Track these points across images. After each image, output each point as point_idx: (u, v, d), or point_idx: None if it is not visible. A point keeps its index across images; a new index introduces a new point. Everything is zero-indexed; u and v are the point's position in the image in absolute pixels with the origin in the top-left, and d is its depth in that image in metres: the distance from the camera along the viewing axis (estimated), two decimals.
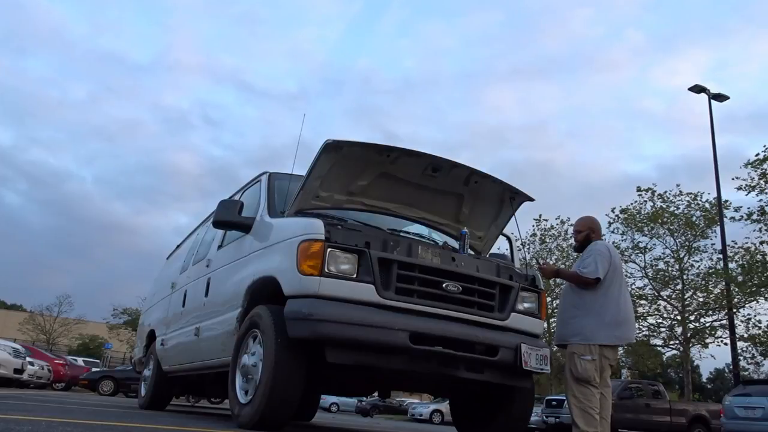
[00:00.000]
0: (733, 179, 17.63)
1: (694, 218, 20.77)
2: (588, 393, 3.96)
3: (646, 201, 21.43)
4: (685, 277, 20.88)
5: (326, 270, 3.50)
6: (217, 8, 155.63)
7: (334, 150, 3.97)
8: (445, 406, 24.29)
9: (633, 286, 21.84)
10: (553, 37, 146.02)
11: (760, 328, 18.46)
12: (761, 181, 16.96)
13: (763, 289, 17.64)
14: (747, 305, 18.78)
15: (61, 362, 19.50)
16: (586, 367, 3.98)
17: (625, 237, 22.03)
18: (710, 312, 20.49)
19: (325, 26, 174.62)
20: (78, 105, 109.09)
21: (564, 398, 16.46)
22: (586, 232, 4.46)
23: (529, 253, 24.20)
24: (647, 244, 21.75)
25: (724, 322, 19.15)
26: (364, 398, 30.47)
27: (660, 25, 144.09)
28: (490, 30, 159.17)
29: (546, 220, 25.20)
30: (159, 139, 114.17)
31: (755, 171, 17.04)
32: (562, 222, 24.80)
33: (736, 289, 17.90)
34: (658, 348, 23.69)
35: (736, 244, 18.59)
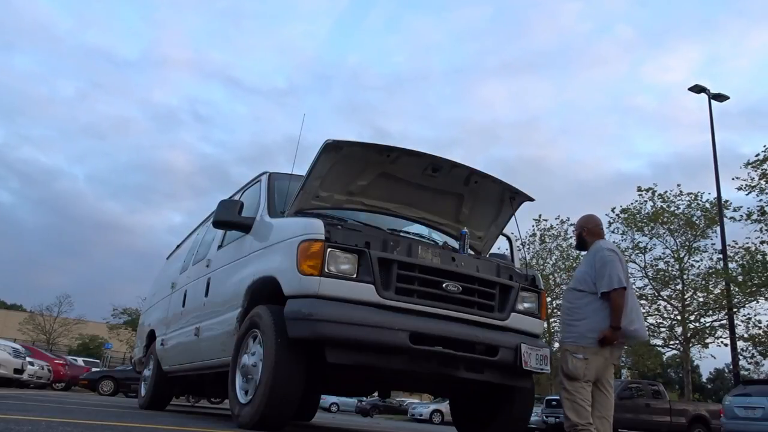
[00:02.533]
0: (733, 179, 17.67)
1: (694, 218, 20.78)
2: (578, 386, 3.88)
3: (646, 201, 21.46)
4: (685, 277, 20.87)
5: (326, 270, 3.50)
6: (203, 2, 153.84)
7: (334, 150, 3.97)
8: (445, 406, 24.29)
9: (633, 286, 21.71)
10: (542, 32, 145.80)
11: (760, 328, 18.47)
12: (761, 181, 16.97)
13: (763, 289, 17.64)
14: (747, 305, 18.80)
15: (61, 362, 19.49)
16: (576, 364, 3.90)
17: (625, 237, 22.05)
18: (710, 312, 20.49)
19: (313, 21, 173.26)
20: (67, 102, 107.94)
21: None
22: (578, 232, 4.36)
23: (529, 253, 24.21)
24: (647, 244, 21.74)
25: (724, 322, 19.15)
26: (364, 398, 30.47)
27: (650, 19, 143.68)
28: (478, 24, 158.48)
29: (546, 220, 25.24)
30: (150, 137, 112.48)
31: (755, 171, 17.06)
32: (562, 222, 24.83)
33: (736, 289, 17.90)
34: (658, 348, 23.68)
35: (736, 244, 18.60)
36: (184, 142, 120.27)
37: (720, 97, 18.31)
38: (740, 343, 18.21)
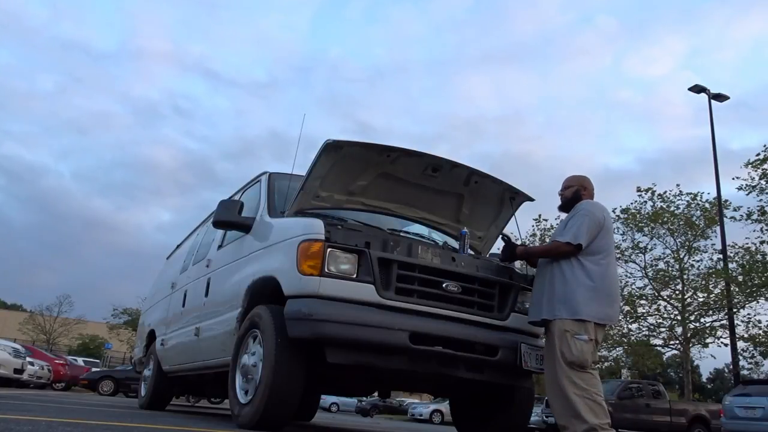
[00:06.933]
0: (733, 179, 17.68)
1: (694, 218, 20.78)
2: (588, 377, 3.39)
3: (646, 201, 21.48)
4: (685, 277, 20.88)
5: (326, 270, 3.50)
6: None
7: (334, 150, 3.97)
8: (445, 406, 24.30)
9: (633, 286, 21.91)
10: (523, 23, 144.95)
11: (760, 328, 18.49)
12: (761, 181, 16.98)
13: (763, 289, 17.65)
14: (747, 305, 18.80)
15: (61, 362, 19.52)
16: (582, 348, 3.40)
17: (625, 237, 22.06)
18: (710, 312, 20.50)
19: (292, 13, 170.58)
20: (47, 96, 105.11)
21: None
22: (576, 188, 3.84)
23: None
24: (647, 244, 21.76)
25: (724, 322, 19.16)
26: (364, 398, 30.47)
27: (632, 10, 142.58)
28: (458, 15, 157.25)
29: (546, 220, 25.21)
30: (132, 132, 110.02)
31: (755, 171, 17.07)
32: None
33: (736, 289, 17.91)
34: (658, 348, 23.69)
35: (736, 244, 18.61)
36: (167, 137, 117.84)
37: (720, 97, 18.30)
38: (740, 343, 18.25)
